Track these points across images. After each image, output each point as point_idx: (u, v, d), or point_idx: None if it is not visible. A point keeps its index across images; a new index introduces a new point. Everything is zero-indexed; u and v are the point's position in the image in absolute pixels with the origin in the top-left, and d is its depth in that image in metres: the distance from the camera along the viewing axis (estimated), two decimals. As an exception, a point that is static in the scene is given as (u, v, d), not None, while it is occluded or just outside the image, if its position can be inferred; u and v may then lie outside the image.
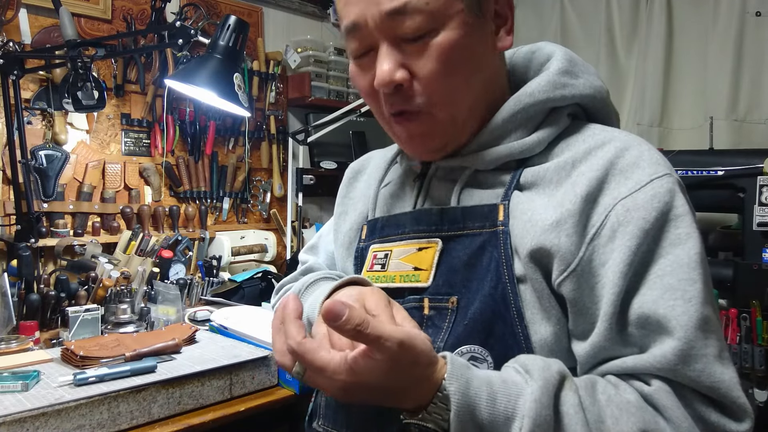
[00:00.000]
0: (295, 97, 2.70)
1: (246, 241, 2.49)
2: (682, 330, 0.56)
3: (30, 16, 1.90)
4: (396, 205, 0.79)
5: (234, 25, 1.53)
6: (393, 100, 0.67)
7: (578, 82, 0.72)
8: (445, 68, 0.65)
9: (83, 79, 1.65)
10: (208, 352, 1.47)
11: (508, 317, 0.62)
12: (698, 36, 2.51)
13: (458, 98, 0.67)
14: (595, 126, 0.71)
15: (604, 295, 0.60)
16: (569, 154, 0.67)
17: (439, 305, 0.67)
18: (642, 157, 0.64)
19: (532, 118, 0.70)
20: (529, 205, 0.65)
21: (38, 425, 1.09)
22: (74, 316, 1.57)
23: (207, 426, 1.27)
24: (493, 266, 0.65)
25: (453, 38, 0.64)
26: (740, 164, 1.87)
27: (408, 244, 0.73)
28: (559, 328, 0.62)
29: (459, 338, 0.64)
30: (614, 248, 0.60)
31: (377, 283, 0.73)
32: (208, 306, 1.97)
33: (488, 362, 0.62)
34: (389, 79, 0.65)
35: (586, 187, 0.62)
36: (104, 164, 2.10)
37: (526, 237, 0.63)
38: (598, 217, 0.61)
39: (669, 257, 0.59)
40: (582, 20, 2.85)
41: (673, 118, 2.59)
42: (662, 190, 0.61)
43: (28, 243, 1.76)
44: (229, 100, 1.53)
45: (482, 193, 0.70)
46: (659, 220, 0.60)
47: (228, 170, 2.48)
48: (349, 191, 0.90)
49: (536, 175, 0.67)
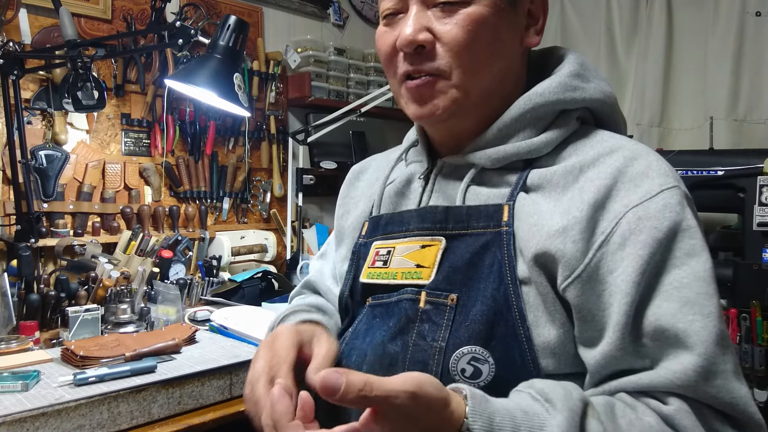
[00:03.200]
0: (295, 97, 2.70)
1: (246, 241, 2.49)
2: (703, 346, 0.56)
3: (30, 16, 1.89)
4: (401, 202, 0.79)
5: (234, 25, 1.53)
6: (412, 59, 0.68)
7: (589, 86, 0.72)
8: (469, 37, 0.66)
9: (83, 79, 1.65)
10: (208, 352, 1.47)
11: (510, 318, 0.62)
12: (698, 36, 2.52)
13: (478, 71, 0.68)
14: (603, 132, 0.71)
15: (613, 304, 0.59)
16: (577, 158, 0.67)
17: (437, 300, 0.66)
18: (651, 167, 0.64)
19: (541, 118, 0.70)
20: (534, 207, 0.65)
21: (38, 425, 1.09)
22: (74, 316, 1.57)
23: (207, 426, 1.27)
24: (495, 267, 0.64)
25: (483, 13, 0.66)
26: (740, 164, 1.87)
27: (412, 241, 0.72)
28: (563, 332, 0.61)
29: (461, 339, 0.63)
30: (624, 256, 0.59)
31: (377, 279, 0.73)
32: (208, 306, 1.97)
33: (489, 363, 0.61)
34: (412, 38, 0.66)
35: (594, 194, 0.62)
36: (104, 164, 2.09)
37: (531, 241, 0.63)
38: (608, 224, 0.61)
39: (685, 268, 0.59)
40: (582, 20, 2.85)
41: (673, 118, 2.60)
42: (673, 201, 0.61)
43: (28, 243, 1.76)
44: (229, 100, 1.53)
45: (488, 192, 0.70)
46: (672, 230, 0.59)
47: (228, 170, 2.48)
48: (350, 191, 0.90)
49: (543, 178, 0.67)
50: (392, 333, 0.68)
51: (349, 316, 0.79)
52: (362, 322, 0.74)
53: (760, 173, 1.83)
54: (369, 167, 0.92)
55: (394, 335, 0.67)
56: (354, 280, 0.78)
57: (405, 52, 0.68)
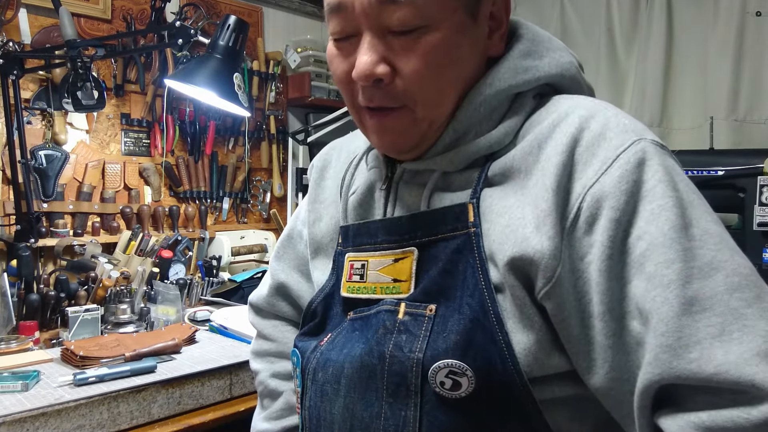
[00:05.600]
0: (295, 97, 2.70)
1: (246, 241, 2.48)
2: (663, 323, 0.51)
3: (30, 16, 1.89)
4: (367, 212, 0.76)
5: (234, 25, 1.53)
6: (371, 93, 0.63)
7: (543, 62, 0.67)
8: (430, 69, 0.61)
9: (83, 79, 1.65)
10: (208, 352, 1.47)
11: (487, 325, 0.59)
12: (698, 36, 2.51)
13: (442, 101, 0.64)
14: (560, 97, 0.66)
15: (588, 293, 0.56)
16: (533, 133, 0.63)
17: (416, 312, 0.64)
18: (608, 126, 0.59)
19: (495, 108, 0.66)
20: (503, 203, 0.62)
21: (38, 425, 1.09)
22: (74, 316, 1.57)
23: (207, 426, 1.27)
24: (469, 272, 0.62)
25: (444, 39, 0.60)
26: (740, 164, 1.87)
27: (383, 255, 0.69)
28: (542, 334, 0.58)
29: (438, 350, 0.60)
30: (592, 243, 0.56)
31: (358, 294, 0.70)
32: (208, 306, 1.97)
33: (468, 376, 0.58)
34: (369, 72, 0.60)
35: (555, 177, 0.58)
36: (104, 164, 2.09)
37: (505, 244, 0.59)
38: (572, 209, 0.58)
39: (646, 238, 0.54)
40: (582, 20, 2.84)
41: (673, 118, 2.59)
42: (629, 166, 0.56)
43: (27, 243, 1.76)
44: (229, 100, 1.53)
45: (452, 195, 0.66)
46: (629, 203, 0.55)
47: (228, 170, 2.48)
48: (318, 194, 0.86)
49: (504, 167, 0.63)
50: (370, 345, 0.65)
51: (315, 321, 0.77)
52: (341, 335, 0.71)
53: (760, 173, 1.82)
54: (331, 160, 0.87)
55: (371, 348, 0.65)
56: (332, 290, 0.76)
57: (362, 85, 0.63)
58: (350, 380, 0.67)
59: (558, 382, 0.60)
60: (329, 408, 0.69)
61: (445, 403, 0.59)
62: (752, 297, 0.52)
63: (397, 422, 0.62)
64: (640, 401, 0.54)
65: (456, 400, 0.59)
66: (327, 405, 0.69)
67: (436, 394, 0.60)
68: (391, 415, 0.62)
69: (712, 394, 0.51)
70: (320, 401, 0.70)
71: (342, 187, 0.80)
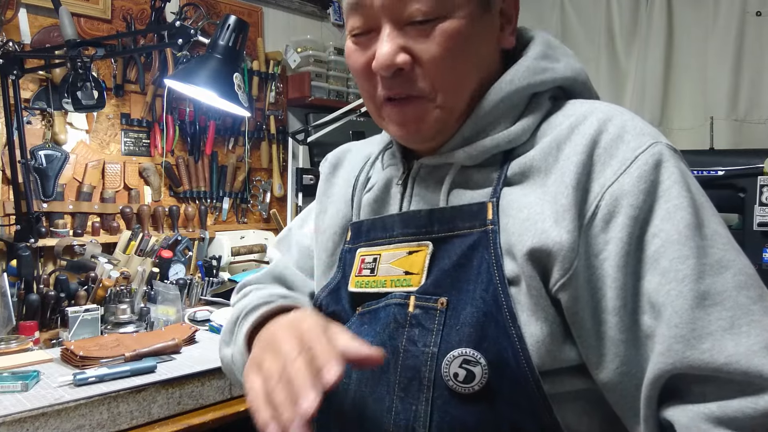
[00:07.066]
0: (295, 97, 2.70)
1: (246, 241, 2.48)
2: (677, 315, 0.54)
3: (30, 15, 1.89)
4: (381, 208, 0.77)
5: (234, 24, 1.53)
6: (391, 83, 0.65)
7: (559, 65, 0.70)
8: (450, 55, 0.64)
9: (83, 79, 1.65)
10: (208, 352, 1.47)
11: (500, 319, 0.60)
12: (698, 36, 2.51)
13: (462, 87, 0.66)
14: (575, 101, 0.69)
15: (602, 288, 0.58)
16: (552, 135, 0.65)
17: (426, 305, 0.65)
18: (625, 128, 0.62)
19: (515, 106, 0.68)
20: (523, 200, 0.63)
21: (38, 425, 1.09)
22: (74, 316, 1.57)
23: (207, 426, 1.27)
24: (483, 267, 0.63)
25: (460, 26, 0.63)
26: (740, 164, 1.87)
27: (398, 247, 0.70)
28: (555, 326, 0.60)
29: (452, 343, 0.62)
30: (608, 240, 0.58)
31: (366, 288, 0.71)
32: (208, 306, 1.97)
33: (481, 365, 0.59)
34: (390, 62, 0.63)
35: (574, 175, 0.60)
36: (104, 164, 2.09)
37: (525, 235, 0.61)
38: (590, 206, 0.60)
39: (661, 235, 0.57)
40: (582, 20, 2.84)
41: (673, 118, 2.59)
42: (647, 167, 0.59)
43: (27, 243, 1.76)
44: (229, 100, 1.53)
45: (471, 192, 0.68)
46: (647, 201, 0.58)
47: (228, 170, 2.48)
48: (328, 188, 0.87)
49: (524, 166, 0.65)
50: (381, 339, 0.66)
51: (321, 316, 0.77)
52: (350, 330, 0.71)
53: (760, 173, 1.82)
54: (344, 160, 0.88)
55: (383, 341, 0.66)
56: (338, 285, 0.76)
57: (382, 76, 0.65)
58: (361, 374, 0.67)
59: (569, 377, 0.61)
60: (339, 402, 0.69)
61: (457, 398, 0.60)
62: (757, 295, 0.56)
63: (408, 416, 0.63)
64: (648, 392, 0.56)
65: (467, 395, 0.60)
66: (336, 399, 0.69)
67: (449, 388, 0.60)
68: (402, 410, 0.63)
69: (721, 385, 0.53)
70: (330, 395, 0.70)
71: (354, 187, 0.81)
